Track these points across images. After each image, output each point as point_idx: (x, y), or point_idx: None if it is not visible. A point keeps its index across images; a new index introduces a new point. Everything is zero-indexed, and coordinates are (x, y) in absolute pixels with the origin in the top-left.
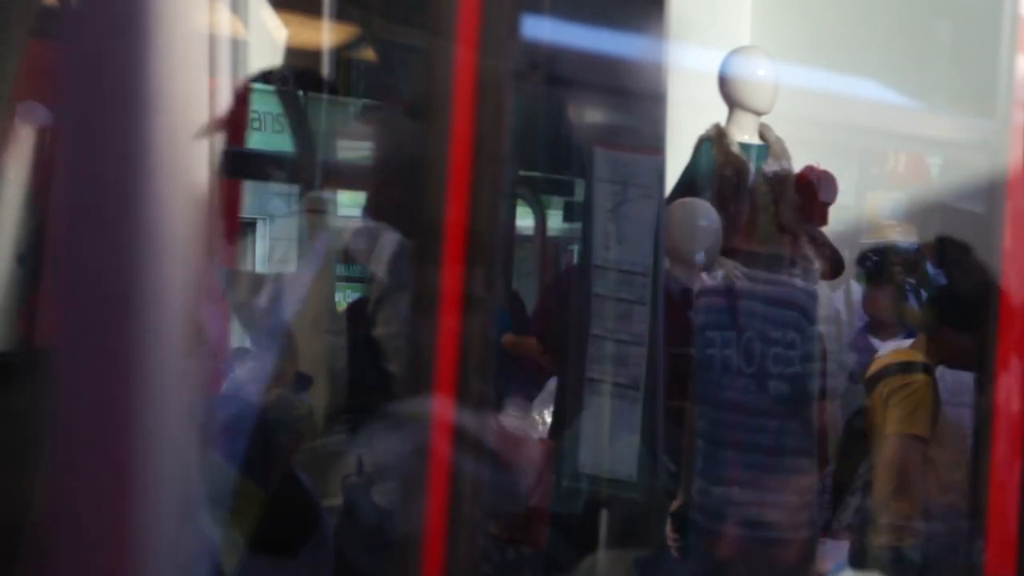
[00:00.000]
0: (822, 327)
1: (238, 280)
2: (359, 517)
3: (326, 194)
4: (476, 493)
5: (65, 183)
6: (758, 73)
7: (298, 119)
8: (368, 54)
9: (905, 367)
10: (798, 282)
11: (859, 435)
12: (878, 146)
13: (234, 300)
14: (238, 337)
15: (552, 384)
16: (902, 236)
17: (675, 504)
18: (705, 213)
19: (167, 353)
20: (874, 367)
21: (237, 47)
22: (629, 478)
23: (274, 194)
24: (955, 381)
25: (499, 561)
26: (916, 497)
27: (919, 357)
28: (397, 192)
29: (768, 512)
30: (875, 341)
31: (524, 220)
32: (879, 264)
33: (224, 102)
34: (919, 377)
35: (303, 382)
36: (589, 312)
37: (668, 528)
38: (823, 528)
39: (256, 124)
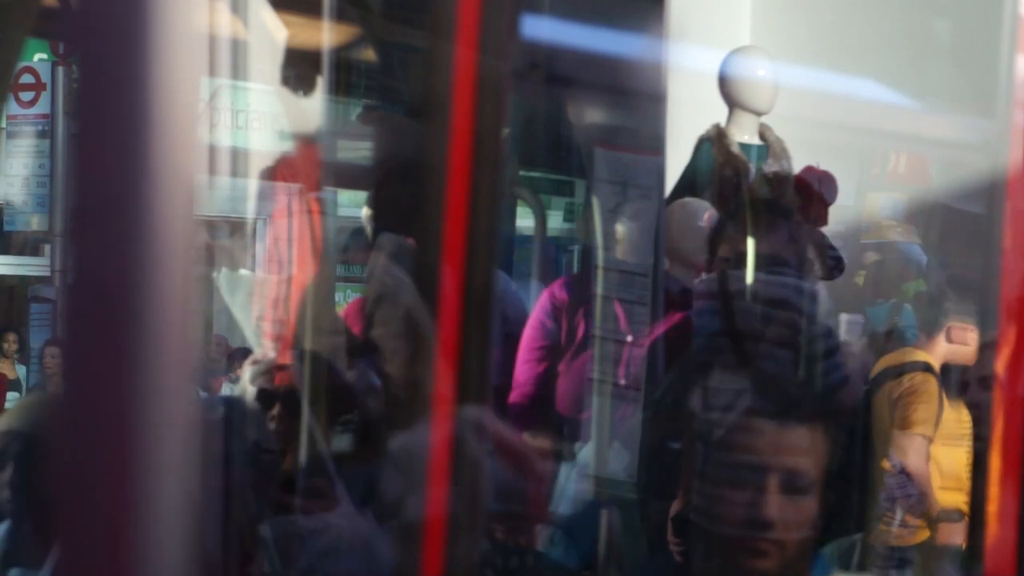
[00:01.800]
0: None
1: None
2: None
3: (326, 194)
4: (476, 494)
5: (69, 183)
6: (758, 73)
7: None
8: (368, 54)
9: (910, 367)
10: (798, 282)
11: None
12: (878, 146)
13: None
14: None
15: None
16: (902, 236)
17: (675, 507)
18: (705, 213)
19: (169, 351)
20: (878, 367)
21: (237, 47)
22: (630, 479)
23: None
24: None
25: (500, 563)
26: (927, 496)
27: (922, 357)
28: (396, 192)
29: (768, 512)
30: None
31: (524, 220)
32: None
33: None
34: (926, 377)
35: None
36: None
37: (669, 532)
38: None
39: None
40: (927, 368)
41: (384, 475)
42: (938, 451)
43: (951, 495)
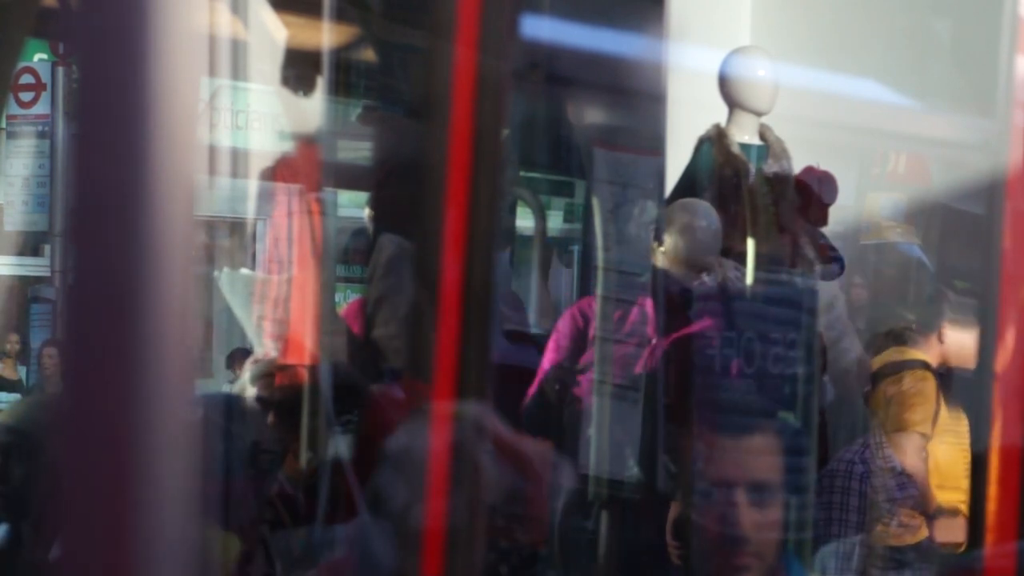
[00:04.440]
0: (821, 327)
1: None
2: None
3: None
4: (477, 494)
5: (69, 183)
6: (758, 73)
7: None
8: (368, 54)
9: (907, 366)
10: (798, 281)
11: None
12: (878, 146)
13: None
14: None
15: None
16: (902, 236)
17: (674, 510)
18: (705, 213)
19: (169, 351)
20: (874, 365)
21: (237, 47)
22: (629, 479)
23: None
24: None
25: (500, 563)
26: (925, 495)
27: (918, 355)
28: (396, 193)
29: (770, 513)
30: None
31: (524, 220)
32: None
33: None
34: (923, 374)
35: None
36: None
37: (668, 535)
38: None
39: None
40: (924, 367)
41: (384, 476)
42: (936, 450)
43: (949, 494)
